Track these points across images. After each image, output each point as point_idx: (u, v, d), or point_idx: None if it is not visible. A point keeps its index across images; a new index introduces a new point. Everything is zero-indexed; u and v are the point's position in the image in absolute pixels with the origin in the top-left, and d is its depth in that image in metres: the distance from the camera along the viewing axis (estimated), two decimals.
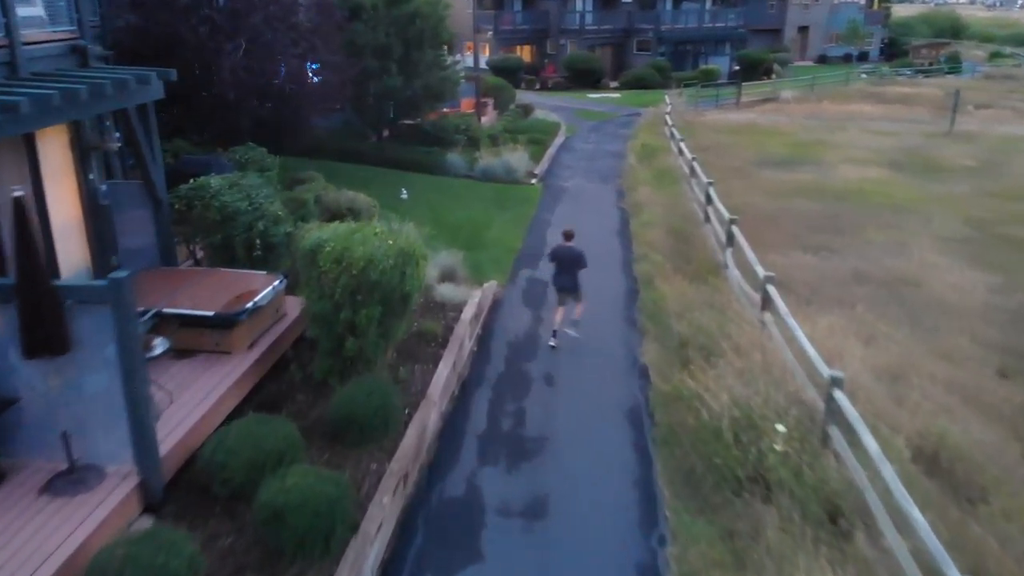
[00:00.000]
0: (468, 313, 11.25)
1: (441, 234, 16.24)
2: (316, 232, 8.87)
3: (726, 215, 13.52)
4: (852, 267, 14.24)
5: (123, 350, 6.53)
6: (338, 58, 18.73)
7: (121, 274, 6.40)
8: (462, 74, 26.47)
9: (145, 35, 15.14)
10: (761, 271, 10.59)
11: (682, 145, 21.84)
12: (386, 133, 23.74)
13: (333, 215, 13.90)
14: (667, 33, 49.10)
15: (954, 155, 25.41)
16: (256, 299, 9.18)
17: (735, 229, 12.98)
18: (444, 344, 10.42)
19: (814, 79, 41.91)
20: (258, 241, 10.55)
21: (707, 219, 16.22)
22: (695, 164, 18.81)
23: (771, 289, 10.16)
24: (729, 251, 13.20)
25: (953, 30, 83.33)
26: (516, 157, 22.70)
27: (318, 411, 8.61)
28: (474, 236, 16.82)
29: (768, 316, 10.41)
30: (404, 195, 18.84)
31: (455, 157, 22.21)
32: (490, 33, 47.04)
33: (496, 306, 12.95)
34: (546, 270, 14.87)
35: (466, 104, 27.16)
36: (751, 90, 40.07)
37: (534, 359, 10.94)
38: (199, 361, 8.81)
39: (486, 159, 22.37)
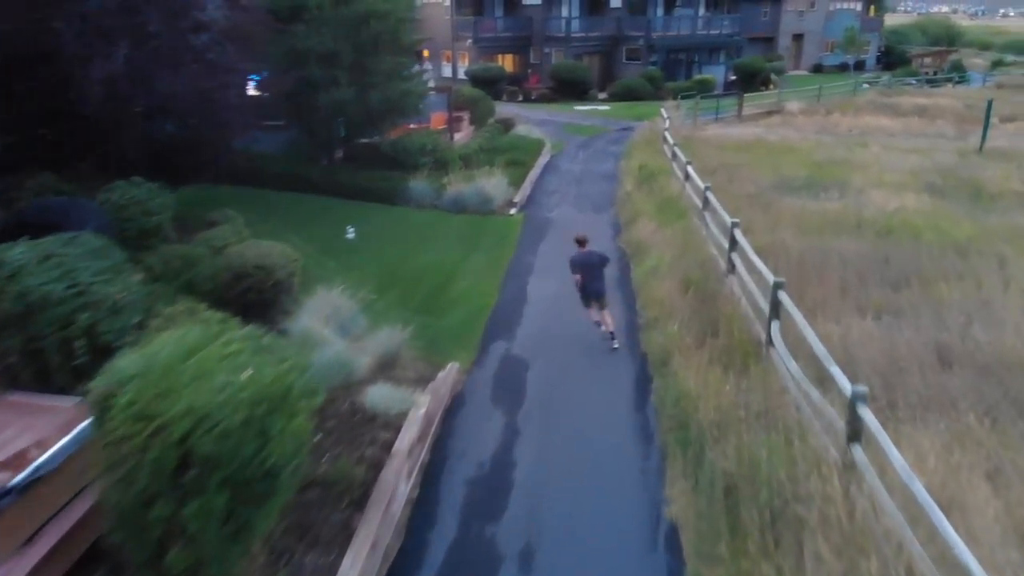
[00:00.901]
0: (407, 438, 7.59)
1: (391, 290, 12.62)
2: (123, 359, 5.17)
3: (769, 276, 9.94)
4: (930, 340, 10.66)
5: None
6: (265, 65, 15.18)
7: None
8: (431, 84, 22.94)
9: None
10: (846, 384, 6.97)
11: (689, 169, 18.30)
12: (340, 154, 20.14)
13: (236, 276, 10.26)
14: (658, 41, 45.74)
15: (997, 177, 21.97)
16: (38, 463, 5.51)
17: (784, 296, 9.41)
18: (365, 499, 6.77)
19: (820, 89, 38.50)
20: (81, 343, 6.88)
21: (732, 269, 12.66)
22: (709, 194, 15.27)
23: (867, 416, 6.55)
24: (776, 326, 9.62)
25: (948, 38, 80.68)
26: (492, 183, 19.12)
27: None
28: (435, 292, 13.20)
29: (859, 449, 6.82)
30: (351, 234, 15.23)
31: (420, 184, 18.59)
32: (469, 41, 43.57)
33: (455, 407, 9.30)
34: (526, 344, 11.30)
35: (437, 119, 23.59)
36: (753, 101, 36.63)
37: (504, 511, 7.28)
38: None
39: (457, 186, 18.77)
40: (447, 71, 45.54)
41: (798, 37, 63.82)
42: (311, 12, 17.02)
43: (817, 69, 62.67)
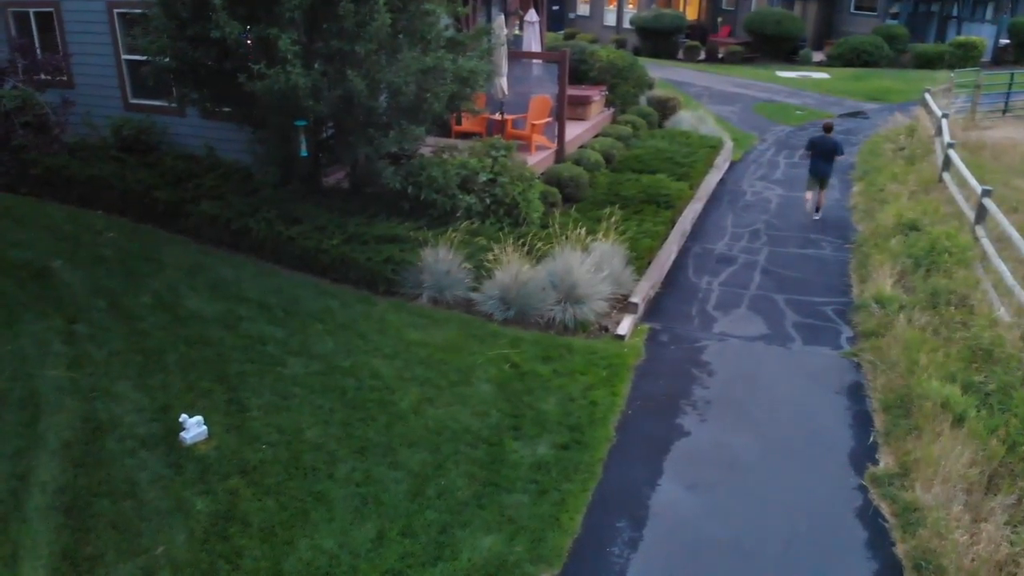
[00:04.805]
0: None
1: None
2: None
3: None
4: None
5: None
6: None
7: None
8: (531, 45, 12.92)
9: None
10: None
11: None
12: (339, 176, 10.96)
13: None
14: None
15: None
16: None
17: None
18: None
19: None
20: None
21: None
22: None
23: None
24: None
25: None
26: (592, 257, 9.20)
27: None
28: None
29: None
30: (192, 433, 6.09)
31: (443, 255, 9.01)
32: None
33: None
34: None
35: (538, 107, 13.63)
36: None
37: None
38: None
39: (513, 263, 8.97)
40: (611, 18, 34.72)
41: None
42: None
43: None
